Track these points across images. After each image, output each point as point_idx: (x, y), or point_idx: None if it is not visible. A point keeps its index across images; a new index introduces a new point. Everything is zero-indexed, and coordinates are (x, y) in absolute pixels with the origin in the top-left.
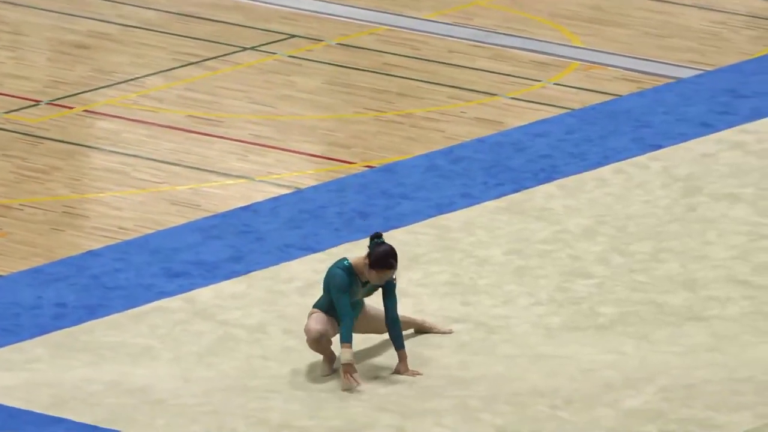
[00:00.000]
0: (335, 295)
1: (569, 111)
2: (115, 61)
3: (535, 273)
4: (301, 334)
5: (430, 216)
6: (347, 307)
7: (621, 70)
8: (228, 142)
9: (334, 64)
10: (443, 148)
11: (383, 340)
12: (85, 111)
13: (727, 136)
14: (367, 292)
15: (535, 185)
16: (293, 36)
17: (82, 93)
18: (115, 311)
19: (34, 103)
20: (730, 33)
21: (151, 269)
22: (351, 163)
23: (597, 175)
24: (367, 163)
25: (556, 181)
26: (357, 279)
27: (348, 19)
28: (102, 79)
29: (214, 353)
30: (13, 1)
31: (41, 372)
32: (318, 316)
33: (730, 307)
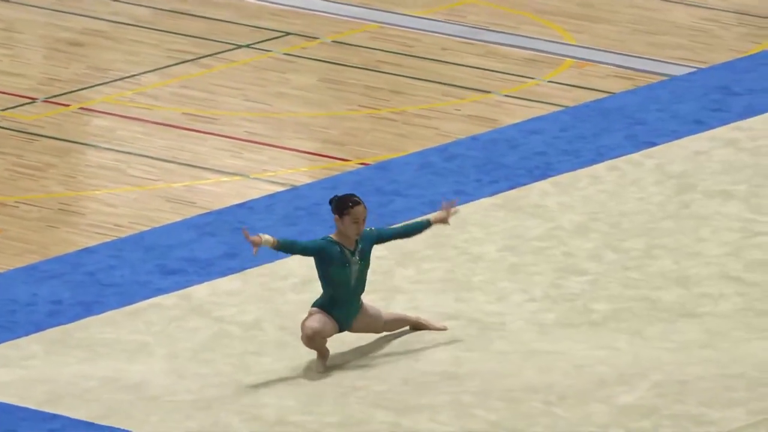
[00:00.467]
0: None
1: (563, 108)
2: (110, 58)
3: (529, 270)
4: (296, 330)
5: (424, 213)
6: (304, 242)
7: (613, 67)
8: (223, 139)
9: (327, 62)
10: (437, 145)
11: (379, 339)
12: (81, 108)
13: (720, 133)
14: (363, 262)
15: (528, 182)
16: (288, 33)
17: (78, 90)
18: (110, 308)
19: (29, 100)
20: (720, 30)
21: (146, 266)
22: (345, 160)
23: (591, 173)
24: (361, 161)
25: (549, 179)
26: (344, 249)
27: (341, 17)
28: (97, 76)
29: (210, 350)
30: None
31: (36, 368)
32: (316, 315)
33: (722, 303)
